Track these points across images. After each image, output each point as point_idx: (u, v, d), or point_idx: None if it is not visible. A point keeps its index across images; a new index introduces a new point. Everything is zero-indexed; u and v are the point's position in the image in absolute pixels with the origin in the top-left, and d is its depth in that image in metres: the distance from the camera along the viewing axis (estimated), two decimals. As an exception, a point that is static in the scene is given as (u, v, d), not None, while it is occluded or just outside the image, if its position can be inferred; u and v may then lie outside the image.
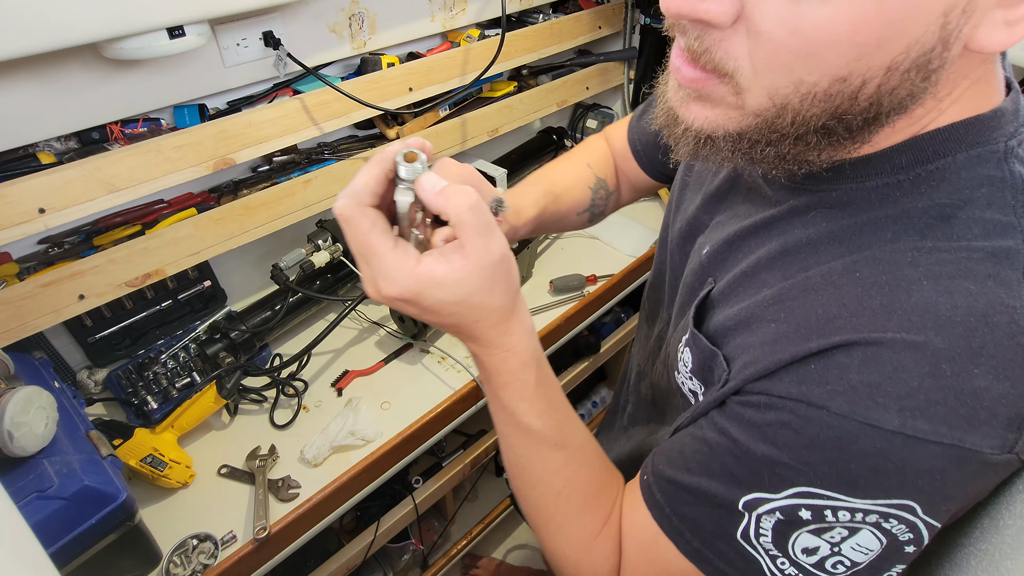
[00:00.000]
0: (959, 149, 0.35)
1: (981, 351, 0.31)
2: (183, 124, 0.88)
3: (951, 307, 0.32)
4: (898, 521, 0.34)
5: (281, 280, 0.96)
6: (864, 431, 0.33)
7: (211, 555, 0.75)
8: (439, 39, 1.18)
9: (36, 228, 0.77)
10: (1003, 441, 0.31)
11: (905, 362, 0.32)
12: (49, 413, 0.63)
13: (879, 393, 0.32)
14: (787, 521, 0.36)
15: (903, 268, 0.34)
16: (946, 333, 0.32)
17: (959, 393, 0.31)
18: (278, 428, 0.91)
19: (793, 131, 0.33)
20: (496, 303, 0.40)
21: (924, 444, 0.32)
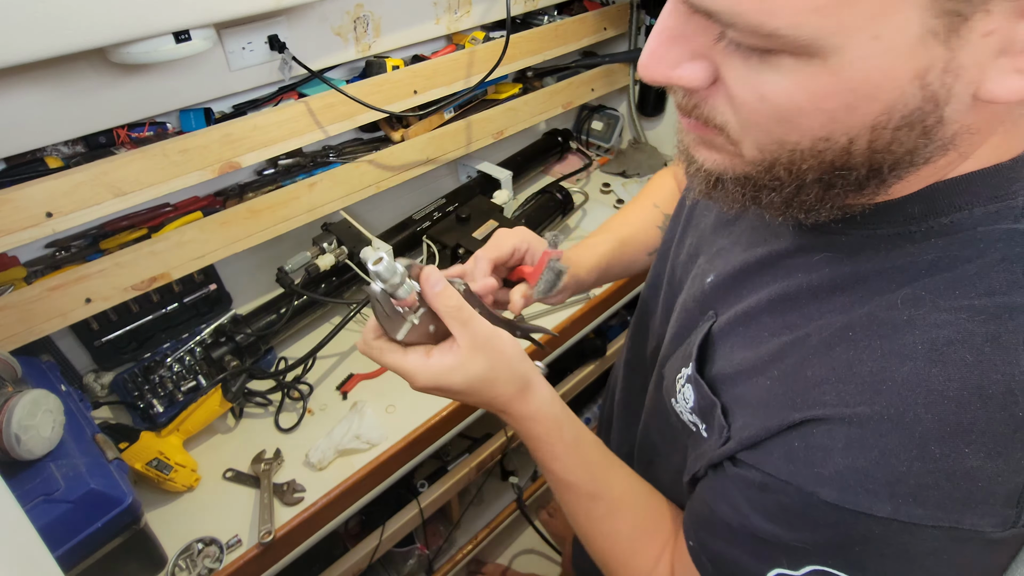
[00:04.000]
0: (976, 203, 0.33)
1: (972, 428, 0.30)
2: (189, 128, 0.89)
3: (944, 380, 0.30)
4: None
5: (286, 283, 0.96)
6: (859, 519, 0.32)
7: (216, 559, 0.74)
8: (444, 41, 1.18)
9: (43, 232, 0.77)
10: (1003, 519, 0.30)
11: (891, 445, 0.31)
12: (56, 416, 0.63)
13: (868, 480, 0.32)
14: None
15: (899, 331, 0.33)
16: (936, 410, 0.30)
17: (951, 475, 0.30)
18: (283, 432, 0.91)
19: (791, 181, 0.33)
20: (504, 377, 0.46)
21: (921, 529, 0.31)
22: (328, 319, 1.10)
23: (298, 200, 1.01)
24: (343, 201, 1.07)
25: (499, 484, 1.45)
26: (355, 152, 1.09)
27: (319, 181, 1.03)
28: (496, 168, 1.30)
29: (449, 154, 1.21)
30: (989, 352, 0.30)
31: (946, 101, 0.28)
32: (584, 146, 1.56)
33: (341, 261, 1.04)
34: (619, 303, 1.20)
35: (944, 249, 0.33)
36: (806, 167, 0.31)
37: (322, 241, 1.04)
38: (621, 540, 0.49)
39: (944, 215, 0.33)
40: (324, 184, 1.03)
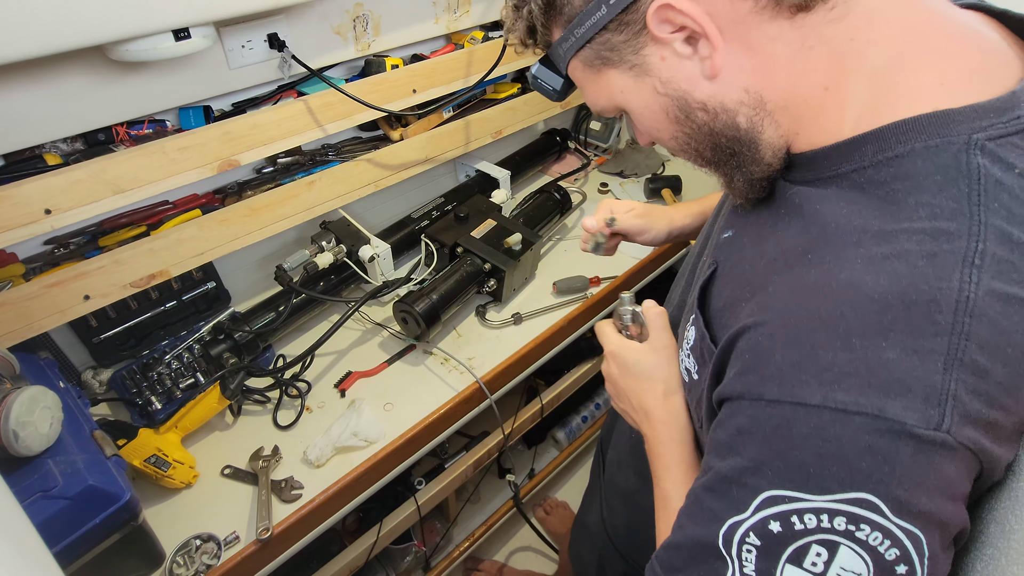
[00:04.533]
0: (918, 139, 0.37)
1: (892, 327, 0.33)
2: (188, 126, 0.89)
3: (873, 285, 0.34)
4: (870, 527, 0.33)
5: (285, 281, 0.97)
6: (796, 412, 0.35)
7: (214, 555, 0.75)
8: (443, 41, 1.19)
9: (42, 229, 0.77)
10: (925, 416, 0.32)
11: (820, 339, 0.35)
12: (54, 413, 0.64)
13: (801, 371, 0.35)
14: (763, 547, 0.36)
15: (847, 248, 0.37)
16: (862, 309, 0.34)
17: (869, 364, 0.33)
18: (281, 429, 0.91)
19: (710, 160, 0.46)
20: (660, 376, 0.56)
21: (848, 416, 0.33)
22: (326, 317, 1.10)
23: (297, 198, 1.01)
24: (342, 200, 1.08)
25: (496, 482, 1.46)
26: (354, 151, 1.09)
27: (318, 179, 1.03)
28: (494, 167, 1.30)
29: (448, 153, 1.21)
30: (923, 267, 0.34)
31: (689, 92, 0.42)
32: (582, 146, 1.57)
33: (340, 259, 1.04)
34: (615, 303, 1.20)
35: (890, 182, 0.38)
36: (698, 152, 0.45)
37: (321, 239, 1.04)
38: None
39: (891, 150, 0.38)
40: (323, 182, 1.03)
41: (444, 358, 1.02)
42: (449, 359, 1.01)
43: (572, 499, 1.63)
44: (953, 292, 0.33)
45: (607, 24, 0.42)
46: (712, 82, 0.41)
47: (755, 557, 0.36)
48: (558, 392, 1.26)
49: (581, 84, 0.49)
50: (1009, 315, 0.33)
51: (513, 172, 1.32)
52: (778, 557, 0.35)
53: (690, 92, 0.42)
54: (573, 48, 0.45)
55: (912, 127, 0.37)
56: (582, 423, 1.58)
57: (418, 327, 0.98)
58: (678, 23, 0.39)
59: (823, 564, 0.34)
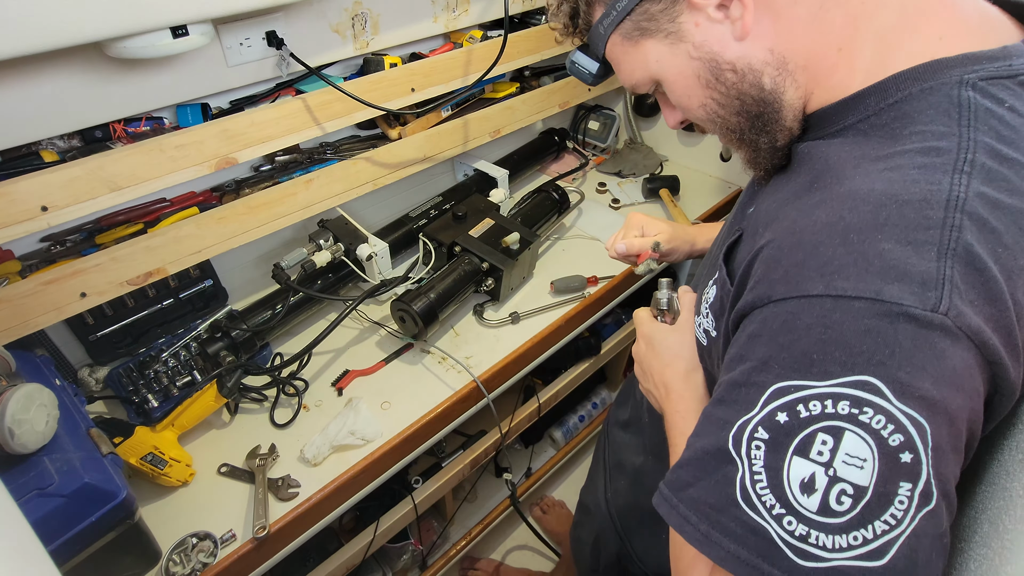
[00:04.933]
0: (915, 84, 0.41)
1: (886, 223, 0.36)
2: (186, 123, 0.89)
3: (868, 190, 0.38)
4: (873, 410, 0.33)
5: (282, 279, 0.96)
6: (800, 305, 0.37)
7: (211, 553, 0.75)
8: (442, 40, 1.18)
9: (39, 226, 0.77)
10: (922, 298, 0.33)
11: (822, 237, 0.37)
12: (50, 411, 0.63)
13: (805, 268, 0.37)
14: (771, 440, 0.36)
15: (846, 169, 0.41)
16: (859, 210, 0.37)
17: (866, 254, 0.35)
18: (278, 427, 0.91)
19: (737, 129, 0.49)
20: (684, 355, 0.60)
21: (848, 301, 0.35)
22: (324, 315, 1.10)
23: (295, 197, 1.01)
24: (340, 198, 1.08)
25: (493, 481, 1.46)
26: (352, 149, 1.09)
27: (316, 178, 1.03)
28: (493, 166, 1.30)
29: (446, 152, 1.21)
30: (915, 174, 0.37)
31: (719, 53, 0.46)
32: (580, 145, 1.57)
33: (337, 258, 1.04)
34: (613, 302, 1.21)
35: (889, 123, 0.41)
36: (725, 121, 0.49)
37: (319, 238, 1.04)
38: None
39: (892, 97, 0.42)
40: (321, 181, 1.03)
41: (442, 357, 1.02)
42: (447, 358, 1.01)
43: (569, 498, 1.63)
44: (944, 192, 0.36)
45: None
46: (741, 43, 0.45)
47: (763, 453, 0.36)
48: (555, 391, 1.27)
49: (618, 60, 0.53)
50: (998, 217, 0.35)
51: (511, 171, 1.32)
52: (785, 449, 0.35)
53: (720, 53, 0.46)
54: (614, 23, 0.49)
55: (909, 75, 0.41)
56: (579, 422, 1.58)
57: (416, 326, 0.98)
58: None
59: (829, 452, 0.34)
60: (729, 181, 1.49)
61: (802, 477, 0.35)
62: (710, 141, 1.50)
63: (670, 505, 0.41)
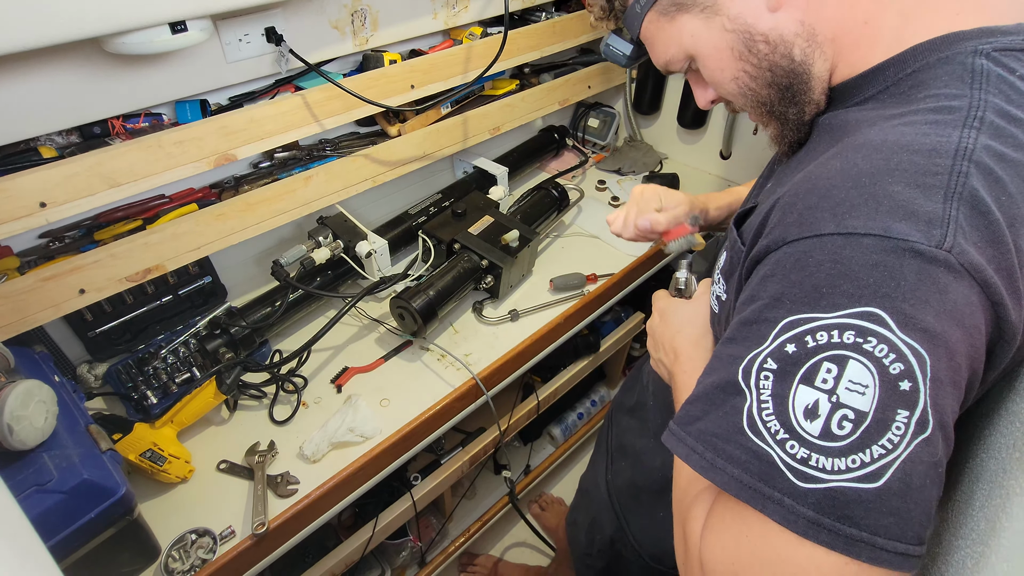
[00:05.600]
0: (931, 55, 0.43)
1: (897, 168, 0.38)
2: (184, 119, 0.88)
3: (881, 140, 0.40)
4: (876, 339, 0.35)
5: (281, 276, 0.96)
6: (813, 244, 0.38)
7: (210, 550, 0.75)
8: (441, 36, 1.18)
9: (37, 222, 0.77)
10: (928, 234, 0.35)
11: (835, 182, 0.39)
12: (49, 407, 0.63)
13: (818, 210, 0.39)
14: (779, 370, 0.38)
15: (861, 128, 0.43)
16: (871, 157, 0.39)
17: (876, 195, 0.37)
18: (277, 424, 0.91)
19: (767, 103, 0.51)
20: (697, 322, 0.64)
21: (858, 238, 0.36)
22: (323, 312, 1.10)
23: (294, 193, 1.01)
24: (339, 195, 1.08)
25: (492, 478, 1.46)
26: (351, 146, 1.09)
27: (315, 175, 1.02)
28: (492, 164, 1.30)
29: (445, 149, 1.21)
30: (926, 128, 0.39)
31: (753, 25, 0.48)
32: (580, 143, 1.57)
33: (337, 255, 1.04)
34: (612, 300, 1.21)
35: (906, 93, 0.44)
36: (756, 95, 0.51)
37: (318, 235, 1.04)
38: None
39: (909, 67, 0.44)
40: (320, 178, 1.03)
41: (441, 354, 1.02)
42: (446, 355, 1.01)
43: (567, 495, 1.63)
44: (953, 143, 0.38)
45: None
46: (774, 15, 0.47)
47: (771, 382, 0.38)
48: (554, 389, 1.27)
49: (653, 38, 0.56)
50: (1003, 168, 0.37)
51: (511, 169, 1.32)
52: (792, 377, 0.37)
53: (754, 25, 0.48)
54: (651, 1, 0.53)
55: (927, 47, 0.43)
56: (578, 420, 1.58)
57: (415, 323, 0.98)
58: None
59: (833, 379, 0.36)
60: (729, 179, 1.49)
61: (806, 403, 0.36)
62: (710, 139, 1.49)
63: (677, 438, 0.43)
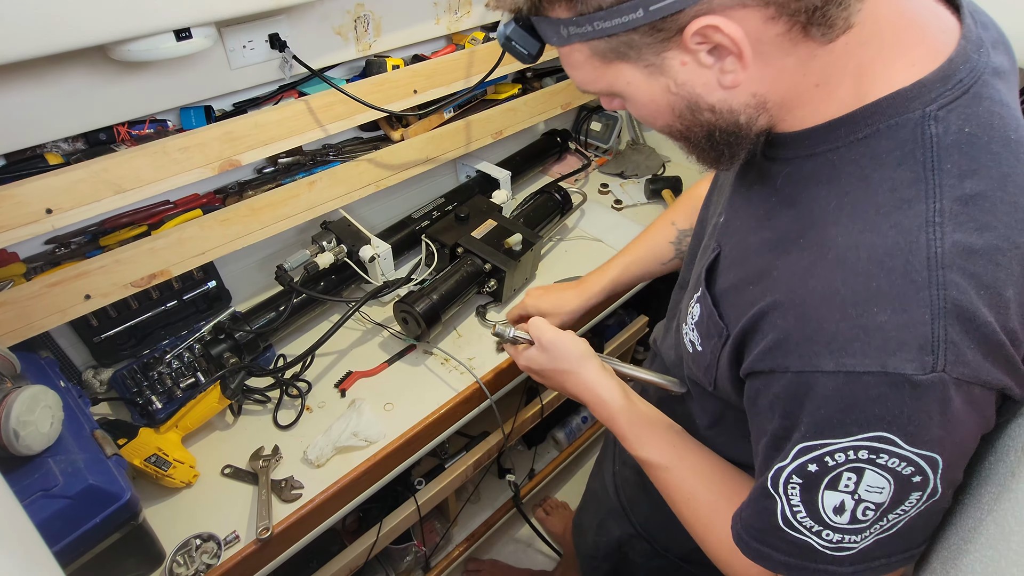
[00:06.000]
0: (882, 120, 0.42)
1: (878, 292, 0.39)
2: (189, 125, 0.89)
3: (855, 260, 0.40)
4: (888, 456, 0.40)
5: (285, 281, 0.97)
6: (816, 379, 0.41)
7: (214, 555, 0.75)
8: (444, 41, 1.19)
9: (43, 228, 0.77)
10: (922, 363, 0.38)
11: (823, 313, 0.41)
12: (54, 412, 0.64)
13: (813, 343, 0.41)
14: (804, 484, 0.43)
15: (828, 228, 0.43)
16: (850, 283, 0.40)
17: (866, 329, 0.39)
18: (281, 429, 0.91)
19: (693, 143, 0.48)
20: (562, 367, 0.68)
21: (859, 376, 0.39)
22: (327, 317, 1.10)
23: (298, 198, 1.01)
24: (342, 200, 1.08)
25: (496, 482, 1.45)
26: (355, 151, 1.09)
27: (319, 180, 1.03)
28: (495, 168, 1.30)
29: (448, 154, 1.21)
30: (893, 235, 0.39)
31: (702, 96, 0.43)
32: (583, 147, 1.57)
33: (340, 259, 1.04)
34: (616, 304, 1.20)
35: (859, 163, 0.43)
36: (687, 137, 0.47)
37: (321, 239, 1.05)
38: (701, 504, 0.58)
39: (860, 132, 0.43)
40: (324, 183, 1.04)
41: (444, 358, 1.02)
42: (449, 359, 1.01)
43: (572, 499, 1.63)
44: (922, 250, 0.38)
45: (638, 27, 0.40)
46: (726, 90, 0.43)
47: (799, 491, 0.44)
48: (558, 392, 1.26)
49: (576, 64, 0.46)
50: (974, 262, 0.38)
51: (514, 173, 1.32)
52: (818, 488, 0.43)
53: (703, 96, 0.43)
54: (586, 36, 0.43)
55: (875, 110, 0.42)
56: (582, 423, 1.58)
57: (418, 327, 0.98)
58: (715, 41, 0.39)
59: (854, 484, 0.41)
60: (732, 182, 1.49)
61: (834, 504, 0.42)
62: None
63: (735, 519, 0.51)
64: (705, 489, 0.58)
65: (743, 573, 0.53)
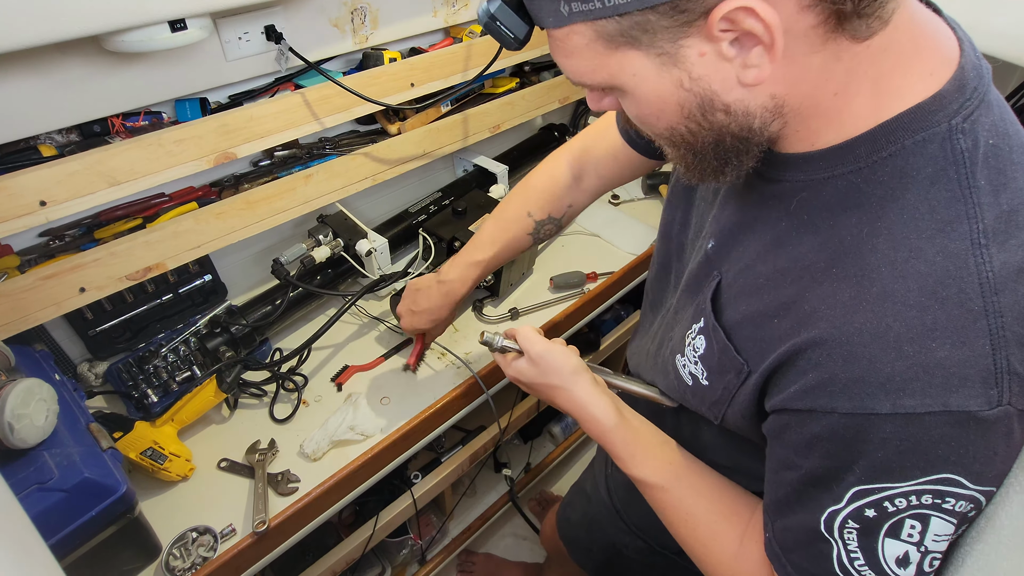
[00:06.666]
0: (907, 136, 0.39)
1: (935, 326, 0.37)
2: (184, 118, 0.88)
3: (905, 291, 0.38)
4: (955, 499, 0.38)
5: (282, 275, 0.96)
6: (870, 421, 0.38)
7: (210, 548, 0.75)
8: (441, 34, 1.18)
9: (37, 221, 0.77)
10: (987, 398, 0.36)
11: (875, 352, 0.38)
12: (50, 405, 0.63)
13: (866, 385, 0.38)
14: (862, 528, 0.40)
15: (865, 256, 0.40)
16: (903, 317, 0.37)
17: (926, 367, 0.36)
18: (278, 422, 0.91)
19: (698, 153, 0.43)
20: (552, 382, 0.63)
21: (919, 417, 0.37)
22: (323, 311, 1.10)
23: (294, 192, 1.01)
24: (339, 193, 1.07)
25: (492, 476, 1.46)
26: (351, 144, 1.09)
27: (315, 173, 1.02)
28: (492, 162, 1.30)
29: (446, 147, 1.21)
30: (940, 261, 0.37)
31: (718, 93, 0.39)
32: (581, 141, 1.56)
33: (337, 253, 1.04)
34: (612, 298, 1.21)
35: (887, 183, 0.40)
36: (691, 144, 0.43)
37: (318, 233, 1.04)
38: (699, 525, 0.55)
39: (884, 150, 0.40)
40: (320, 176, 1.03)
41: (441, 352, 1.02)
42: (446, 353, 1.01)
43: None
44: (973, 276, 0.36)
45: (657, 5, 0.35)
46: (746, 88, 0.38)
47: (856, 536, 0.41)
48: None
49: (573, 50, 0.40)
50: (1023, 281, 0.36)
51: (511, 167, 1.31)
52: (878, 533, 0.40)
53: (719, 94, 0.39)
54: (592, 15, 0.37)
55: (897, 126, 0.39)
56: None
57: (415, 321, 0.98)
58: (743, 28, 0.35)
59: (919, 534, 0.39)
60: (729, 177, 1.49)
61: (897, 555, 0.40)
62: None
63: (780, 562, 0.47)
64: (704, 510, 0.56)
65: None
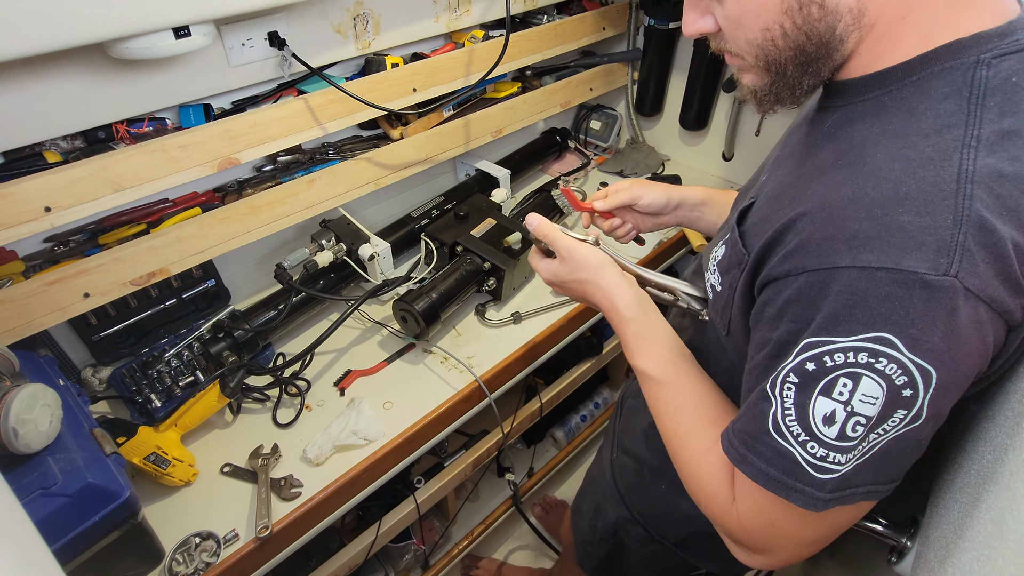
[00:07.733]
0: (936, 64, 0.43)
1: (906, 196, 0.40)
2: (188, 124, 0.89)
3: (888, 170, 0.41)
4: (887, 360, 0.40)
5: (285, 279, 0.97)
6: (831, 275, 0.41)
7: (213, 553, 0.75)
8: (443, 40, 1.18)
9: (42, 226, 0.77)
10: (936, 264, 0.38)
11: (849, 213, 0.42)
12: (53, 411, 0.64)
13: (834, 242, 0.42)
14: (800, 383, 0.43)
15: (866, 149, 0.44)
16: (880, 187, 0.41)
17: (888, 228, 0.40)
18: (281, 427, 0.91)
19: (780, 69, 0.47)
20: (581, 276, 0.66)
21: (873, 272, 0.40)
22: (326, 315, 1.10)
23: (297, 197, 1.01)
24: (342, 198, 1.08)
25: (495, 480, 1.46)
26: (354, 149, 1.09)
27: (318, 178, 1.03)
28: (494, 166, 1.30)
29: (448, 152, 1.21)
30: (929, 152, 0.41)
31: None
32: (582, 145, 1.57)
33: (339, 258, 1.04)
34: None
35: (908, 100, 0.44)
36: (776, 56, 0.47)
37: (321, 238, 1.04)
38: (684, 420, 0.59)
39: (915, 75, 0.44)
40: (323, 181, 1.04)
41: (443, 357, 1.02)
42: (448, 358, 1.01)
43: (571, 498, 1.63)
44: (955, 166, 0.40)
45: None
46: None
47: (793, 393, 0.44)
48: (557, 391, 1.27)
49: None
50: (1002, 184, 0.39)
51: (513, 171, 1.32)
52: (812, 390, 0.43)
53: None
54: None
55: (934, 57, 0.43)
56: (581, 422, 1.58)
57: (417, 326, 0.98)
58: None
59: (848, 392, 0.42)
60: (730, 180, 1.49)
61: (825, 412, 0.43)
62: (712, 140, 1.49)
63: (726, 433, 0.51)
64: (693, 408, 0.59)
65: (706, 486, 0.54)
